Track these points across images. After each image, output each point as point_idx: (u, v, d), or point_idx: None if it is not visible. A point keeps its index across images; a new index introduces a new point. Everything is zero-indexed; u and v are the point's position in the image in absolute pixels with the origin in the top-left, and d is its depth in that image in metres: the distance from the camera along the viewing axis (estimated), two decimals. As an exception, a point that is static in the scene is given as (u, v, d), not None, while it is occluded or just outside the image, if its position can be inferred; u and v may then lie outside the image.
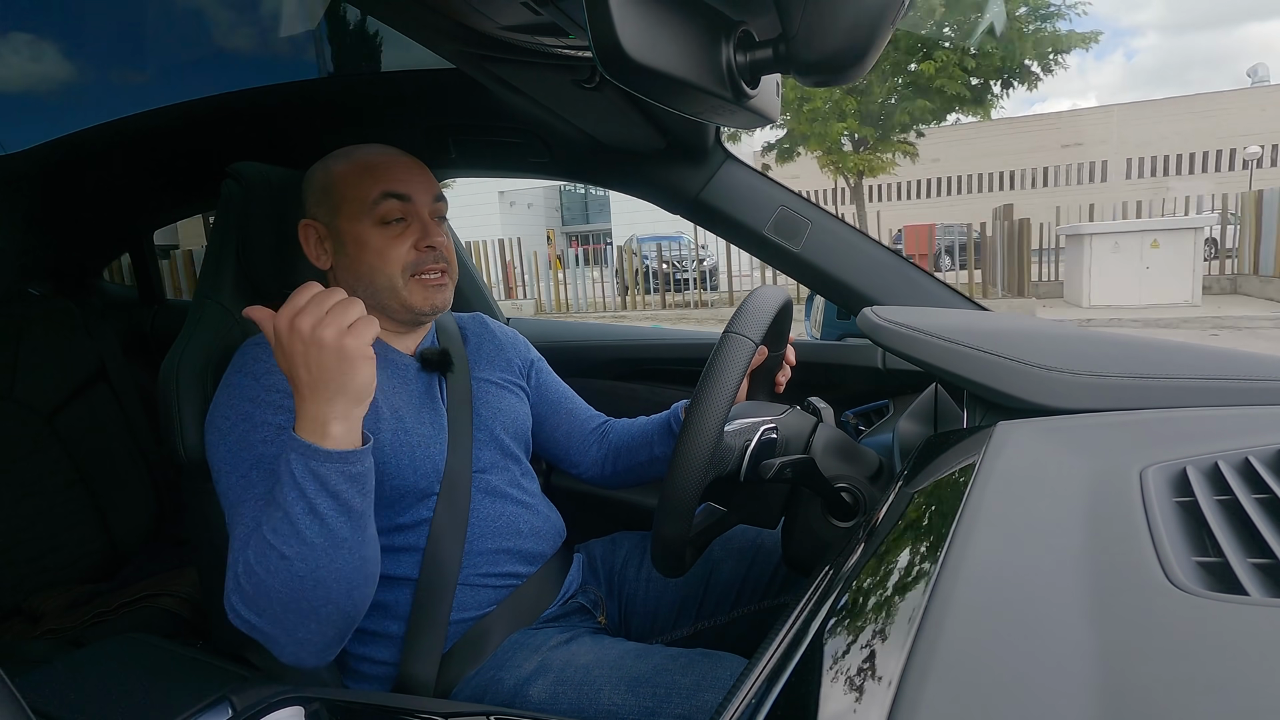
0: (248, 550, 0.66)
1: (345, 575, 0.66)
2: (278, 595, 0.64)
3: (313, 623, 0.66)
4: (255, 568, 0.64)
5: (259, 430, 0.73)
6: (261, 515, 0.67)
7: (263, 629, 0.66)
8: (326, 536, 0.65)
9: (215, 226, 0.94)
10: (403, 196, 0.83)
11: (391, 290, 0.83)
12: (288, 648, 0.67)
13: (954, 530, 0.42)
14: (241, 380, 0.76)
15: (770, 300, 0.74)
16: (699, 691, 0.71)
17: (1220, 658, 0.28)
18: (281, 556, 0.64)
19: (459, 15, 0.68)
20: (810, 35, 0.47)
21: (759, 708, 0.36)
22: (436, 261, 0.85)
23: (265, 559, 0.64)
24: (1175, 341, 0.75)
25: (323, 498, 0.65)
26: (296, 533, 0.64)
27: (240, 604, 0.66)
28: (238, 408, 0.74)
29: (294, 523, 0.64)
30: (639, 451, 1.02)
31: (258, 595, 0.65)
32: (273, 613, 0.65)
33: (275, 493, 0.65)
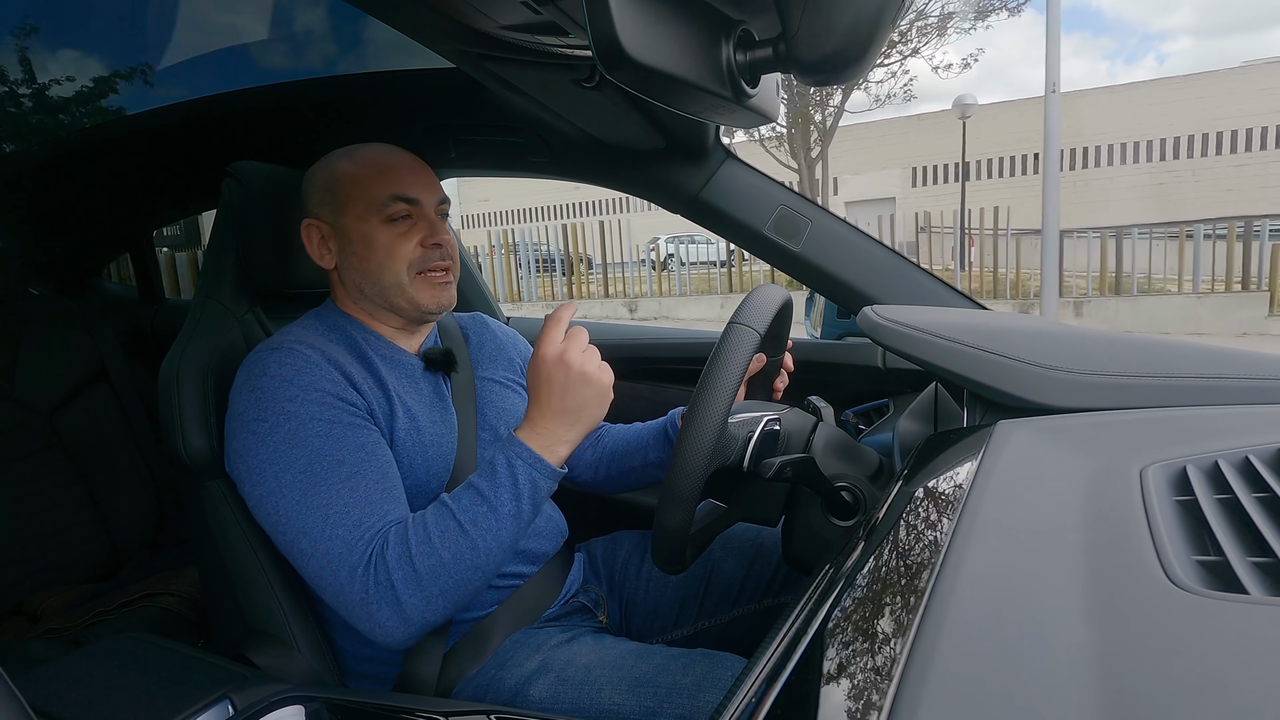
0: (423, 529, 0.70)
1: (498, 570, 0.73)
2: (449, 578, 0.69)
3: (451, 608, 0.72)
4: (439, 549, 0.69)
5: (309, 426, 0.73)
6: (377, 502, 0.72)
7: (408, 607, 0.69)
8: (514, 538, 0.72)
9: (215, 226, 0.94)
10: (411, 200, 0.83)
11: (398, 288, 0.84)
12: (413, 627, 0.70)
13: (954, 529, 0.42)
14: (272, 384, 0.75)
15: (773, 297, 0.74)
16: (700, 692, 0.71)
17: (1220, 656, 0.28)
18: (473, 547, 0.70)
19: (459, 15, 0.68)
20: (810, 34, 0.47)
21: (759, 707, 0.36)
22: (443, 259, 0.85)
23: (455, 544, 0.69)
24: (1175, 341, 0.75)
25: (528, 505, 0.72)
26: (497, 529, 0.70)
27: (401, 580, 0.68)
28: (278, 408, 0.74)
29: (499, 520, 0.71)
30: (634, 456, 1.02)
31: (429, 574, 0.69)
32: (432, 593, 0.69)
33: (482, 485, 0.71)
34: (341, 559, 0.69)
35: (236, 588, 0.82)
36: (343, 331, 0.85)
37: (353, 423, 0.76)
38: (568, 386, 0.72)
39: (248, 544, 0.81)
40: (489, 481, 0.71)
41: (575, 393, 0.72)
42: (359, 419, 0.77)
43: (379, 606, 0.68)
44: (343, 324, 0.86)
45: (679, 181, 1.15)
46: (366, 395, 0.79)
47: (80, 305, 1.61)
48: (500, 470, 0.72)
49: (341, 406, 0.76)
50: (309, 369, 0.76)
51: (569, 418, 0.73)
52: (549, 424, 0.73)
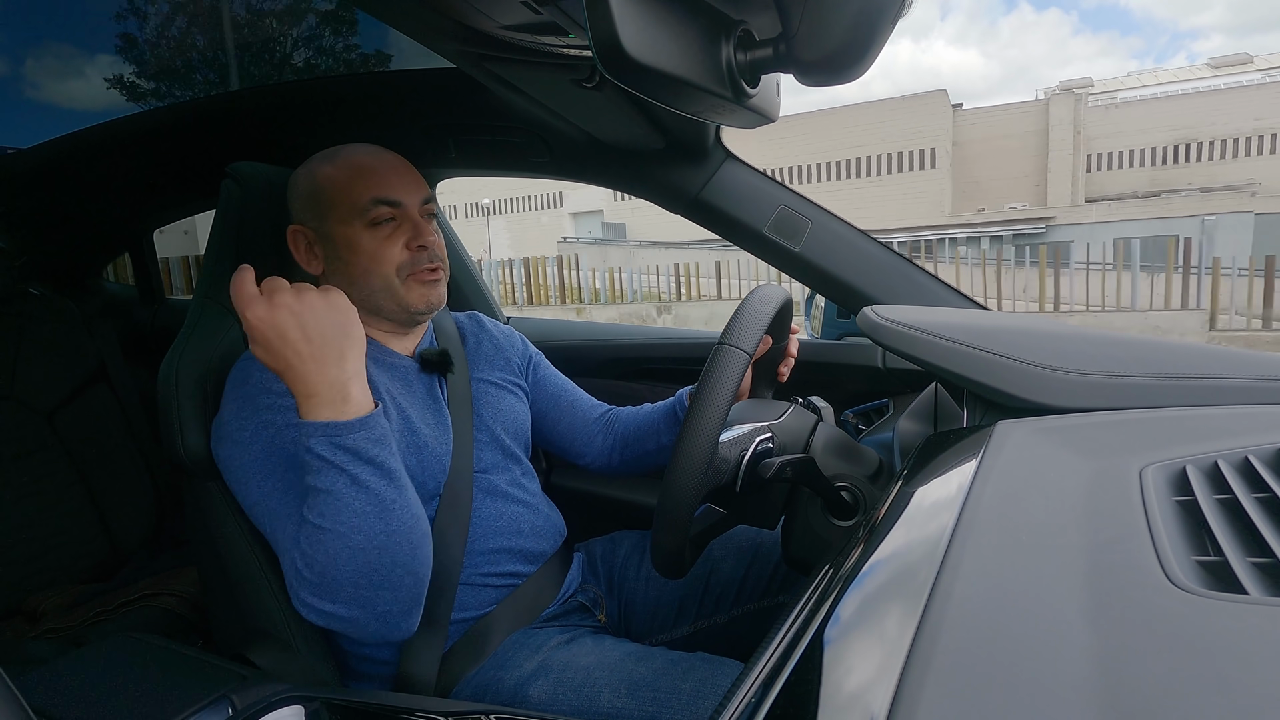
0: (300, 543, 0.67)
1: (403, 534, 0.68)
2: (345, 575, 0.66)
3: (386, 591, 0.67)
4: (314, 556, 0.66)
5: (284, 434, 0.73)
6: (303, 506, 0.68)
7: (341, 614, 0.67)
8: (375, 503, 0.66)
9: (215, 227, 0.94)
10: (394, 203, 0.82)
11: (388, 291, 0.83)
12: (371, 625, 0.68)
13: (954, 529, 0.42)
14: (251, 392, 0.75)
15: (766, 303, 0.74)
16: (699, 697, 0.71)
17: (1220, 657, 0.28)
18: (338, 535, 0.65)
19: (459, 15, 0.68)
20: (810, 34, 0.47)
21: (758, 707, 0.36)
22: (430, 260, 0.84)
23: (321, 544, 0.65)
24: (1175, 341, 0.75)
25: (359, 467, 0.66)
26: (345, 507, 0.65)
27: (310, 596, 0.67)
28: (256, 418, 0.74)
29: (339, 499, 0.65)
30: (646, 440, 1.02)
31: (325, 582, 0.66)
32: (346, 594, 0.66)
33: (308, 480, 0.66)
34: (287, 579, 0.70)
35: (236, 588, 0.82)
36: None
37: None
38: (303, 321, 0.65)
39: (247, 544, 0.81)
40: (310, 474, 0.66)
41: (311, 324, 0.65)
42: None
43: (324, 622, 0.68)
44: None
45: (679, 182, 1.15)
46: None
47: (80, 305, 1.61)
48: (310, 461, 0.65)
49: None
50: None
51: (330, 352, 0.65)
52: (323, 372, 0.65)
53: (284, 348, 0.65)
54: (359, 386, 0.67)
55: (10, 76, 1.56)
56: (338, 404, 0.66)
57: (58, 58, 1.53)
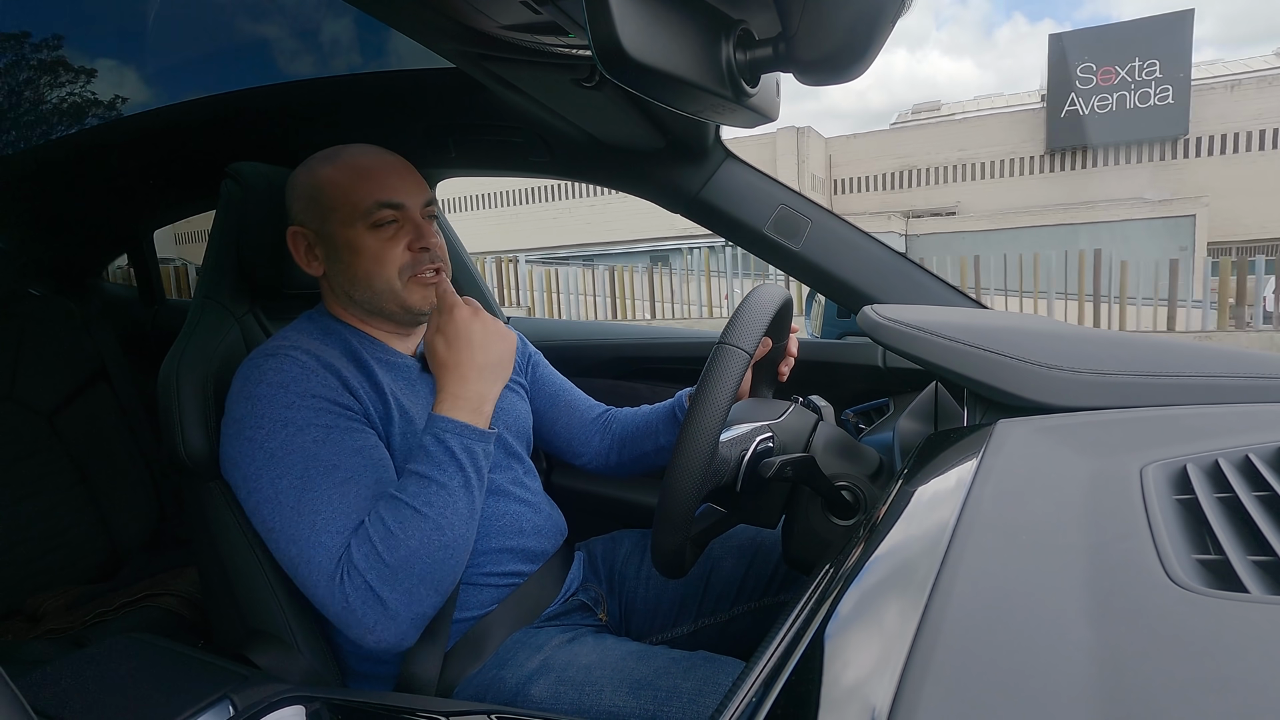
0: (383, 525, 0.70)
1: (469, 543, 0.74)
2: (422, 565, 0.69)
3: (437, 595, 0.72)
4: (404, 540, 0.69)
5: (307, 432, 0.73)
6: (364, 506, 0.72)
7: (391, 605, 0.69)
8: (470, 506, 0.73)
9: (215, 227, 0.94)
10: (396, 205, 0.82)
11: (390, 293, 0.83)
12: (402, 625, 0.70)
13: (954, 529, 0.42)
14: (268, 391, 0.75)
15: (765, 303, 0.73)
16: (700, 696, 0.71)
17: (1221, 655, 0.28)
18: (436, 527, 0.70)
19: (459, 15, 0.68)
20: (810, 34, 0.47)
21: (759, 707, 0.36)
22: (431, 261, 0.85)
23: (418, 530, 0.69)
24: (1175, 340, 0.75)
25: (474, 473, 0.74)
26: (453, 504, 0.71)
27: (377, 580, 0.68)
28: (274, 415, 0.74)
29: (451, 494, 0.71)
30: (644, 441, 1.02)
31: (403, 567, 0.69)
32: (409, 585, 0.69)
33: (423, 468, 0.72)
34: (321, 568, 0.70)
35: (236, 588, 0.82)
36: (337, 335, 0.85)
37: (349, 427, 0.76)
38: (487, 340, 0.77)
39: (248, 544, 0.81)
40: (427, 464, 0.72)
41: (493, 346, 0.77)
42: (355, 423, 0.77)
43: (364, 611, 0.69)
44: (336, 328, 0.86)
45: (679, 181, 1.15)
46: (362, 398, 0.79)
47: (80, 305, 1.61)
48: (432, 449, 0.73)
49: (338, 411, 0.76)
50: (305, 375, 0.76)
51: (489, 373, 0.77)
52: (472, 384, 0.76)
53: (463, 350, 0.76)
54: (492, 408, 0.77)
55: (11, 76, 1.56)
56: (476, 414, 0.75)
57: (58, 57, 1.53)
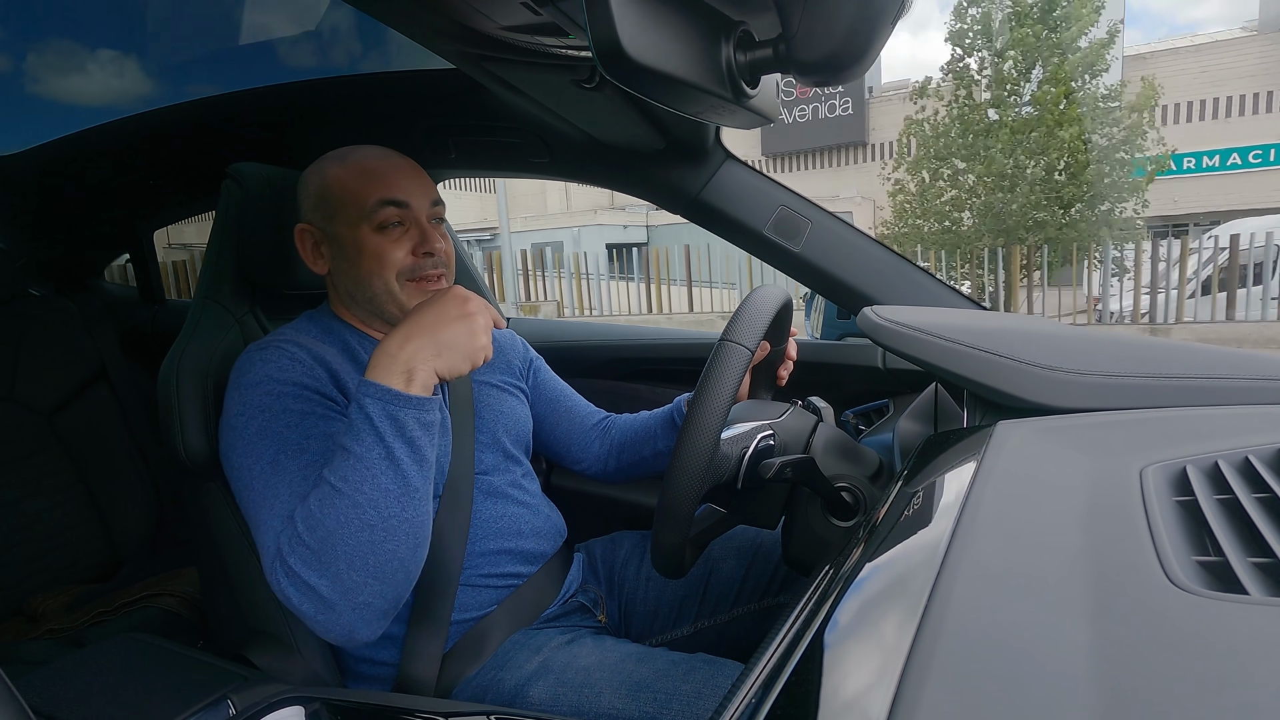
0: (307, 505, 0.65)
1: (414, 527, 0.67)
2: (345, 547, 0.64)
3: (376, 582, 0.65)
4: (321, 518, 0.64)
5: (281, 418, 0.73)
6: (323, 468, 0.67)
7: (322, 591, 0.64)
8: (400, 483, 0.65)
9: (215, 227, 0.94)
10: (401, 203, 0.82)
11: (388, 295, 0.83)
12: (345, 616, 0.65)
13: (954, 530, 0.42)
14: (251, 379, 0.76)
15: (767, 302, 0.73)
16: (699, 698, 0.71)
17: (1220, 657, 0.28)
18: (354, 504, 0.63)
19: (459, 15, 0.68)
20: (810, 35, 0.47)
21: (759, 707, 0.36)
22: (435, 267, 0.84)
23: (334, 507, 0.64)
24: (1175, 341, 0.75)
25: (399, 443, 0.65)
26: (371, 478, 0.64)
27: (300, 564, 0.64)
28: (253, 403, 0.74)
29: (369, 468, 0.64)
30: (642, 446, 1.02)
31: (323, 549, 0.64)
32: (337, 569, 0.64)
33: (344, 440, 0.65)
34: (267, 554, 0.68)
35: (236, 588, 0.82)
36: (336, 334, 0.85)
37: (326, 415, 0.76)
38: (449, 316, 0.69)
39: (247, 544, 0.81)
40: (349, 432, 0.66)
41: (451, 324, 0.69)
42: (334, 413, 0.77)
43: (299, 599, 0.65)
44: (336, 327, 0.86)
45: (679, 182, 1.15)
46: (350, 393, 0.79)
47: (80, 305, 1.61)
48: (354, 416, 0.66)
49: (318, 400, 0.76)
50: (292, 366, 0.76)
51: (433, 343, 0.68)
52: (411, 342, 0.67)
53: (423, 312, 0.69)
54: (425, 376, 0.67)
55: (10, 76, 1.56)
56: (400, 376, 0.66)
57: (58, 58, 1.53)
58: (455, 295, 0.71)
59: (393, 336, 0.68)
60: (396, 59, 1.17)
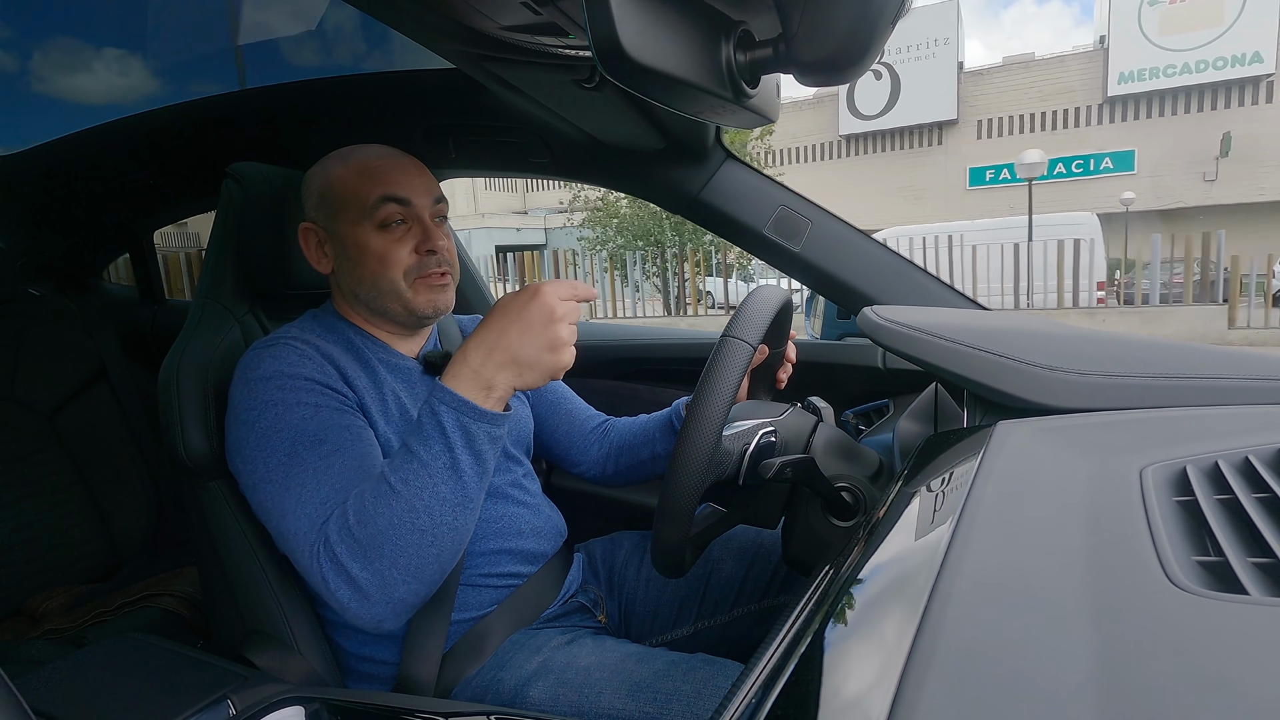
0: (360, 498, 0.66)
1: (459, 535, 0.68)
2: (393, 546, 0.65)
3: (415, 582, 0.67)
4: (375, 515, 0.65)
5: (295, 410, 0.73)
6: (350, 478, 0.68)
7: (362, 583, 0.66)
8: (459, 493, 0.66)
9: (215, 227, 0.94)
10: (402, 200, 0.82)
11: (395, 294, 0.83)
12: (377, 606, 0.67)
13: (954, 530, 0.42)
14: (261, 374, 0.76)
15: (768, 301, 0.73)
16: (699, 699, 0.71)
17: (1220, 657, 0.28)
18: (409, 508, 0.64)
19: (459, 15, 0.68)
20: (810, 35, 0.47)
21: (759, 707, 0.36)
22: (439, 265, 0.84)
23: (389, 507, 0.64)
24: (1175, 341, 0.75)
25: (467, 455, 0.66)
26: (431, 485, 0.65)
27: (346, 554, 0.65)
28: (265, 397, 0.74)
29: (432, 475, 0.65)
30: (640, 449, 1.02)
31: (371, 544, 0.65)
32: (380, 565, 0.65)
33: (411, 442, 0.66)
34: (305, 539, 0.68)
35: (236, 588, 0.82)
36: (340, 333, 0.85)
37: (340, 408, 0.76)
38: (534, 331, 0.66)
39: (248, 544, 0.81)
40: (417, 436, 0.66)
41: (536, 340, 0.66)
42: (347, 406, 0.77)
43: (337, 586, 0.66)
44: (340, 326, 0.86)
45: (679, 182, 1.15)
46: (359, 390, 0.80)
47: (80, 305, 1.61)
48: (424, 421, 0.66)
49: (330, 394, 0.76)
50: (301, 361, 0.77)
51: (514, 361, 0.66)
52: (493, 358, 0.66)
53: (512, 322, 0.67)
54: (503, 393, 0.67)
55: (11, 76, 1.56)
56: (480, 389, 0.66)
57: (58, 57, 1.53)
58: (543, 302, 0.67)
59: (475, 346, 0.67)
60: (397, 59, 1.17)
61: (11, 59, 1.53)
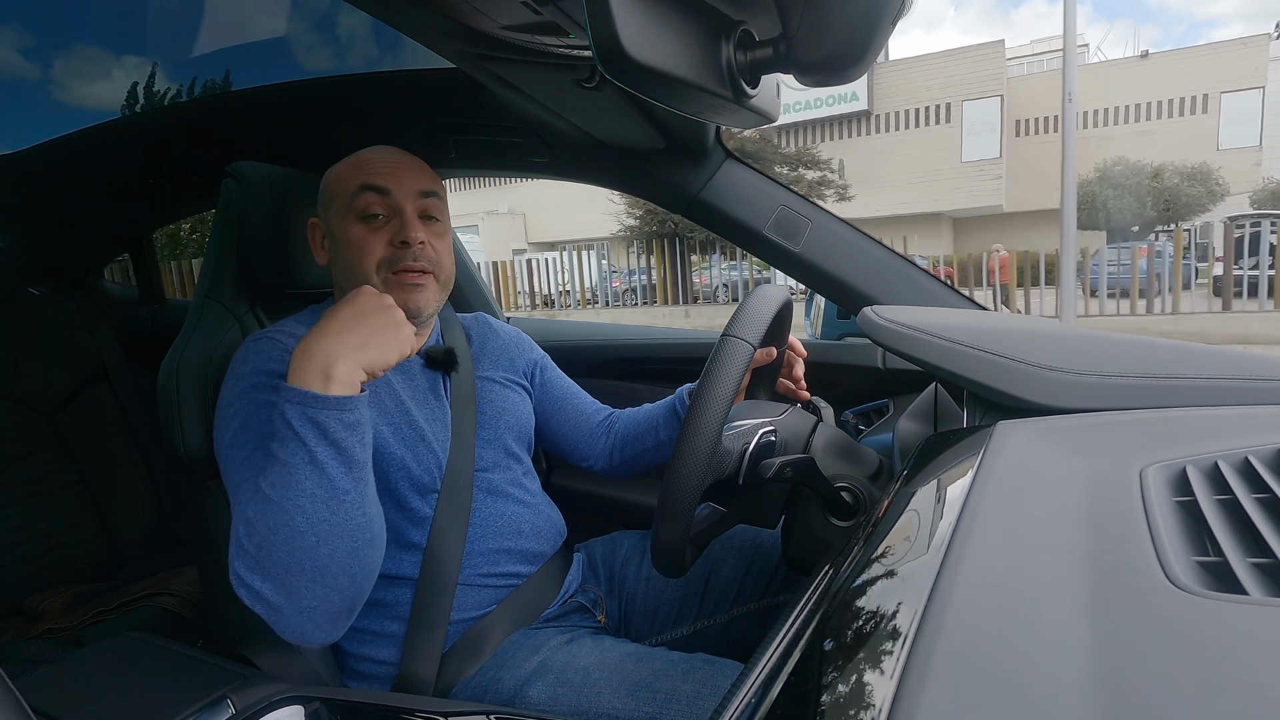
0: (248, 508, 0.64)
1: (349, 531, 0.65)
2: (280, 553, 0.63)
3: (318, 587, 0.64)
4: (256, 525, 0.63)
5: (263, 411, 0.73)
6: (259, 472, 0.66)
7: (268, 596, 0.64)
8: (327, 488, 0.63)
9: (215, 226, 0.94)
10: (380, 190, 0.82)
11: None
12: (293, 619, 0.65)
13: (954, 530, 0.42)
14: (242, 370, 0.77)
15: (769, 301, 0.73)
16: (699, 699, 0.71)
17: (1220, 657, 0.28)
18: (282, 511, 0.62)
19: (459, 15, 0.68)
20: (810, 34, 0.48)
21: (759, 707, 0.36)
22: (415, 260, 0.82)
23: (266, 514, 0.62)
24: (1175, 341, 0.75)
25: (322, 446, 0.63)
26: (296, 484, 0.63)
27: (243, 568, 0.64)
28: (241, 396, 0.75)
29: (293, 473, 0.63)
30: (645, 438, 1.02)
31: (261, 555, 0.63)
32: (277, 574, 0.63)
33: (272, 446, 0.64)
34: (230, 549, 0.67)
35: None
36: None
37: None
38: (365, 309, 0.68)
39: None
40: (276, 438, 0.64)
41: (370, 318, 0.68)
42: None
43: (251, 601, 0.64)
44: None
45: (679, 182, 1.15)
46: None
47: (80, 305, 1.61)
48: (278, 427, 0.64)
49: None
50: (282, 357, 0.76)
51: (354, 336, 0.66)
52: (329, 339, 0.65)
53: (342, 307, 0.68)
54: (345, 371, 0.65)
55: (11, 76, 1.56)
56: (318, 380, 0.64)
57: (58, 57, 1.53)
58: (368, 291, 0.71)
59: (309, 335, 0.66)
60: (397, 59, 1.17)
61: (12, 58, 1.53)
